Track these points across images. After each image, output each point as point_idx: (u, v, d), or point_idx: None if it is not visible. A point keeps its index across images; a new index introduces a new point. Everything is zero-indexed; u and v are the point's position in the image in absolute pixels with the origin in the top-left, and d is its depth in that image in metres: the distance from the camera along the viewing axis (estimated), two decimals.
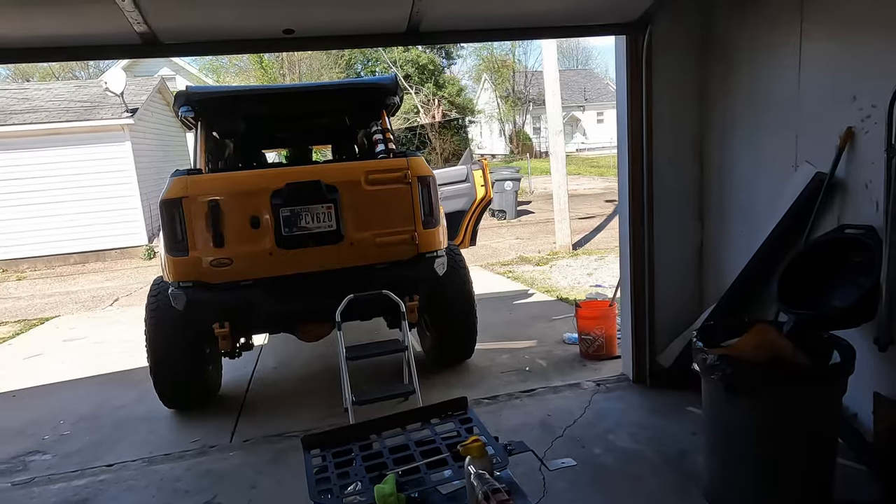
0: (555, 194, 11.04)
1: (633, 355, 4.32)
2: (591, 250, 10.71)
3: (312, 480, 1.88)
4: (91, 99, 14.06)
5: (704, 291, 4.22)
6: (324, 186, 3.97)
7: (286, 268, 3.97)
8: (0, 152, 12.67)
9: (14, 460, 3.99)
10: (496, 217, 15.60)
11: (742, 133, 3.77)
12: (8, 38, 2.91)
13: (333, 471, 1.96)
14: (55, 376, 5.80)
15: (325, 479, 1.91)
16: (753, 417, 2.60)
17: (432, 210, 4.23)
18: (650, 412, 3.92)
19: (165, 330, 4.17)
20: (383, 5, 3.18)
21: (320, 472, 1.97)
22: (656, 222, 4.09)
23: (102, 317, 8.56)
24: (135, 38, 3.08)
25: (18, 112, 13.35)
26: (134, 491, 3.46)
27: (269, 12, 3.12)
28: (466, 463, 1.72)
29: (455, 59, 33.92)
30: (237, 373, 5.26)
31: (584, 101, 39.55)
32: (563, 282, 8.28)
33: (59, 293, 10.63)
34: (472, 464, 1.69)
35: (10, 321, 8.74)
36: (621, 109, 4.09)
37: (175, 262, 3.88)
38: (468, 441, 1.78)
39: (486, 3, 3.29)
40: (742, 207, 3.83)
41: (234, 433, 4.12)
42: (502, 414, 4.03)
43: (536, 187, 20.63)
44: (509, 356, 5.22)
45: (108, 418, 4.59)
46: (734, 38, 3.74)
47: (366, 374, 4.72)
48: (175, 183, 3.86)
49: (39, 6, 2.71)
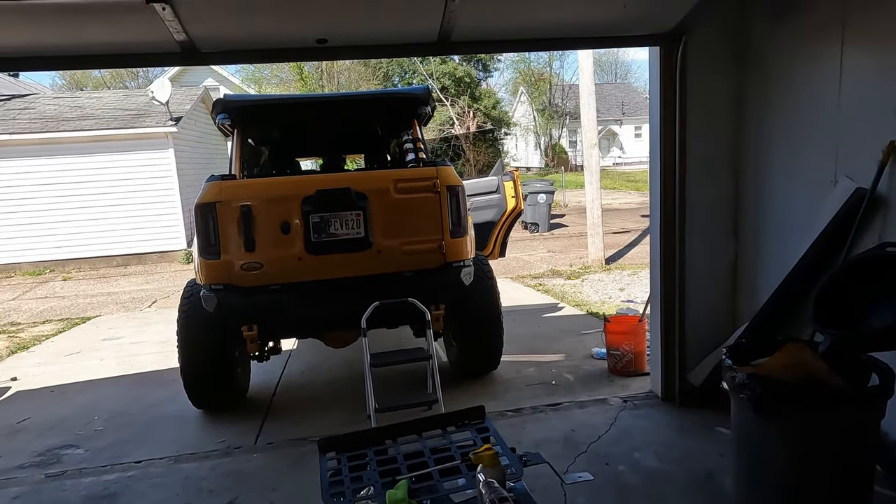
0: (588, 208, 10.93)
1: (663, 372, 4.22)
2: (625, 265, 10.55)
3: (326, 483, 1.89)
4: (138, 107, 14.59)
5: (738, 309, 4.10)
6: (353, 194, 4.01)
7: (314, 273, 4.01)
8: (52, 157, 13.24)
9: (49, 453, 4.13)
10: (529, 230, 15.52)
11: (779, 146, 3.67)
12: (59, 46, 3.06)
13: (347, 474, 1.96)
14: (92, 373, 5.98)
15: (338, 483, 1.92)
16: (784, 440, 2.50)
17: (460, 220, 4.23)
18: (678, 431, 3.81)
19: (196, 331, 4.27)
20: (414, 16, 3.22)
21: (335, 475, 1.97)
22: (688, 237, 4.00)
23: (140, 318, 8.81)
24: (175, 47, 3.19)
25: (70, 119, 13.94)
26: (159, 488, 3.52)
27: (304, 22, 3.19)
28: (478, 471, 1.70)
29: (492, 71, 34.08)
30: (266, 375, 5.34)
31: (622, 116, 39.20)
32: (595, 296, 8.17)
33: (101, 294, 10.99)
34: (483, 472, 1.67)
35: (55, 319, 9.07)
36: (654, 121, 4.03)
37: (207, 264, 3.97)
38: (480, 449, 1.76)
39: (517, 14, 3.30)
40: (778, 223, 3.71)
41: (258, 435, 4.17)
42: (525, 427, 3.98)
43: (571, 201, 20.47)
44: (536, 369, 5.16)
45: (140, 416, 4.70)
46: (772, 49, 3.65)
47: (391, 382, 4.72)
48: (209, 188, 3.96)
49: (88, 16, 2.83)
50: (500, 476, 1.68)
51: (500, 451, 1.87)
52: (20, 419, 4.80)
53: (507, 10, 3.23)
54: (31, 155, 13.20)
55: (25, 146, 13.16)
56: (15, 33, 2.92)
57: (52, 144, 13.23)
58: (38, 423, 4.72)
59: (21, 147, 13.14)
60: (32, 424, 4.69)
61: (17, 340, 7.75)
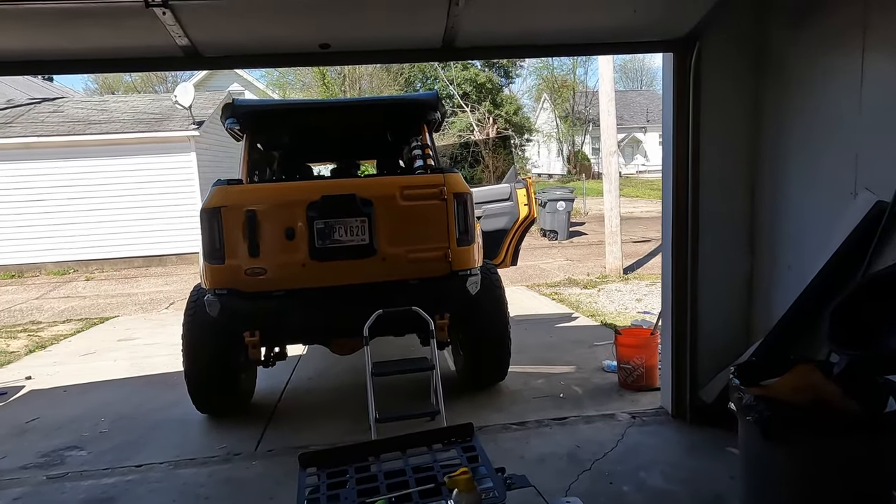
0: (606, 216, 10.77)
1: (673, 388, 4.09)
2: (643, 275, 10.35)
3: (303, 500, 1.83)
4: (162, 111, 14.83)
5: (753, 323, 3.95)
6: (358, 200, 3.97)
7: (318, 280, 3.97)
8: (78, 159, 13.52)
9: (53, 454, 4.15)
10: (547, 237, 15.36)
11: (797, 156, 3.53)
12: (61, 50, 3.08)
13: (325, 492, 1.90)
14: (104, 374, 6.03)
15: (315, 501, 1.86)
16: (793, 466, 2.38)
17: (467, 228, 4.16)
18: (687, 450, 3.68)
19: (200, 336, 4.26)
20: (417, 21, 3.17)
21: (313, 492, 1.91)
22: (701, 248, 3.87)
23: (157, 319, 8.90)
24: (177, 52, 3.19)
25: (96, 122, 14.23)
26: (157, 494, 3.51)
27: (306, 27, 3.16)
28: (452, 496, 1.62)
29: (514, 78, 33.95)
30: (273, 381, 5.32)
31: (646, 123, 38.79)
32: (610, 307, 8.02)
33: (121, 294, 11.15)
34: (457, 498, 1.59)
35: (74, 319, 9.21)
36: (666, 129, 3.92)
37: (212, 269, 3.96)
38: (456, 473, 1.68)
39: (522, 19, 3.23)
40: (795, 235, 3.57)
41: (259, 442, 4.14)
42: (529, 441, 3.88)
43: (591, 208, 20.24)
44: (544, 381, 5.05)
45: (145, 419, 4.71)
46: (790, 56, 3.52)
47: (395, 391, 4.66)
48: (215, 193, 3.95)
49: (90, 19, 2.84)
50: (477, 501, 1.60)
51: (484, 472, 1.79)
52: (29, 419, 4.84)
53: (512, 15, 3.16)
54: (59, 157, 13.49)
55: (53, 148, 13.46)
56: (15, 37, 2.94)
57: (79, 147, 13.52)
58: (47, 423, 4.75)
59: (49, 149, 13.44)
60: (41, 424, 4.73)
61: (36, 339, 7.88)
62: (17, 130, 13.68)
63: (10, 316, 9.64)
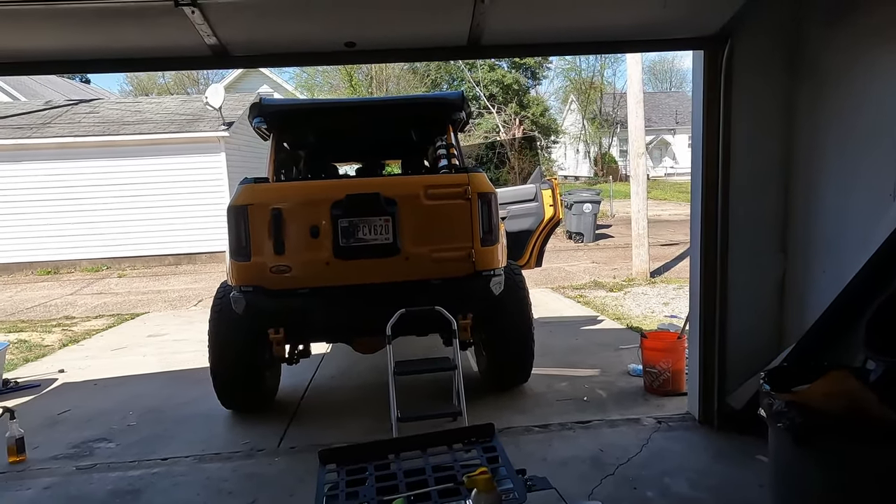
0: (633, 218, 10.62)
1: (701, 393, 4.00)
2: (671, 279, 10.18)
3: (322, 497, 1.83)
4: (193, 112, 15.11)
5: (785, 328, 3.85)
6: (382, 199, 3.97)
7: (342, 278, 3.99)
8: (112, 159, 13.85)
9: (83, 445, 4.24)
10: (573, 240, 15.22)
11: (833, 157, 3.42)
12: (90, 49, 3.15)
13: (344, 489, 1.89)
14: (134, 369, 6.16)
15: (334, 497, 1.85)
16: (825, 475, 2.29)
17: (491, 228, 4.13)
18: (715, 457, 3.59)
19: (226, 332, 4.31)
20: (443, 18, 3.15)
21: (332, 488, 1.91)
22: (731, 251, 3.78)
23: (185, 316, 9.06)
24: (206, 51, 3.23)
25: (130, 123, 14.56)
26: (181, 487, 3.55)
27: (332, 25, 3.18)
28: (471, 496, 1.59)
29: (541, 79, 33.78)
30: (296, 378, 5.36)
31: (674, 125, 38.22)
32: (636, 310, 7.90)
33: (152, 291, 11.38)
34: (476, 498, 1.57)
35: (107, 315, 9.43)
36: (696, 129, 3.84)
37: (238, 266, 4.00)
38: (475, 472, 1.66)
39: (548, 16, 3.19)
40: (830, 238, 3.46)
41: (282, 439, 4.17)
42: (552, 444, 3.83)
43: (618, 211, 20.01)
44: (568, 384, 4.99)
45: (172, 413, 4.79)
46: (827, 54, 3.41)
47: (417, 391, 4.65)
48: (242, 191, 4.00)
49: (118, 18, 2.90)
50: (496, 501, 1.58)
51: (504, 473, 1.76)
52: (61, 410, 4.96)
53: (538, 12, 3.13)
54: (94, 157, 13.84)
55: (89, 148, 13.81)
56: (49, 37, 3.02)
57: (113, 147, 13.85)
58: (78, 415, 4.86)
59: (85, 149, 13.80)
60: (72, 416, 4.84)
61: (70, 334, 8.08)
62: (55, 131, 14.08)
63: (46, 311, 9.92)
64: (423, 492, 1.82)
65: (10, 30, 3.02)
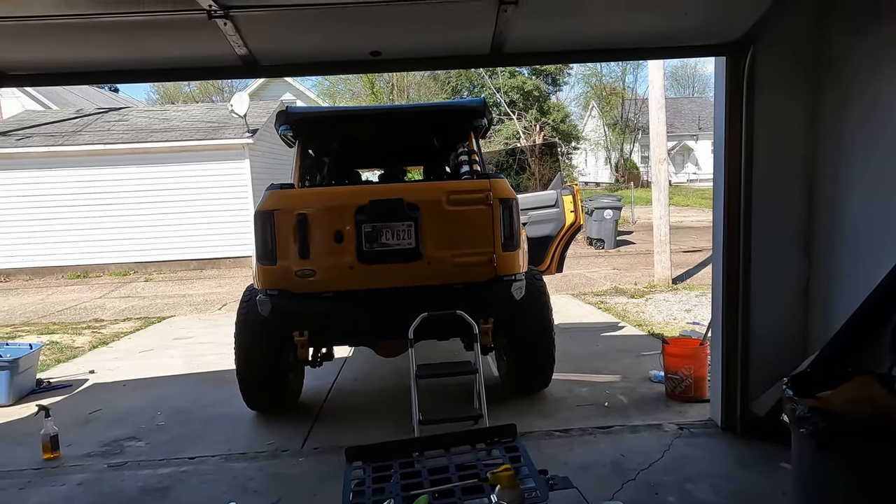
0: (655, 225, 10.56)
1: (723, 400, 3.98)
2: (693, 285, 10.09)
3: (349, 492, 1.88)
4: (219, 120, 15.42)
5: (810, 334, 3.81)
6: (405, 205, 4.04)
7: (365, 282, 4.06)
8: (140, 166, 14.18)
9: (114, 444, 4.36)
10: (594, 246, 15.16)
11: (859, 162, 3.40)
12: (125, 60, 3.27)
13: (370, 485, 1.95)
14: (161, 370, 6.30)
15: (360, 493, 1.91)
16: (848, 481, 2.29)
17: (513, 233, 4.17)
18: (737, 464, 3.57)
19: (252, 335, 4.40)
20: (466, 27, 3.22)
21: (359, 485, 1.96)
22: (754, 256, 3.77)
23: (210, 319, 9.22)
24: (236, 61, 3.34)
25: (158, 131, 14.91)
26: (209, 485, 3.64)
27: (358, 35, 3.26)
28: (494, 492, 1.63)
29: (562, 85, 33.70)
30: (319, 381, 5.44)
31: (697, 131, 37.83)
32: (658, 316, 7.85)
33: (177, 295, 11.61)
34: (499, 494, 1.61)
35: (134, 318, 9.65)
36: (719, 135, 3.84)
37: (264, 270, 4.09)
38: (499, 469, 1.70)
39: (570, 24, 3.23)
40: (855, 242, 3.43)
41: (306, 440, 4.24)
42: (572, 449, 3.85)
43: (640, 217, 19.87)
44: (589, 389, 4.99)
45: (199, 413, 4.89)
46: (852, 59, 3.40)
47: (439, 394, 4.70)
48: (269, 196, 4.09)
49: (153, 30, 3.01)
50: (519, 499, 1.61)
51: (527, 473, 1.80)
52: (93, 410, 5.10)
53: (560, 20, 3.18)
54: (123, 163, 14.20)
55: (118, 155, 14.17)
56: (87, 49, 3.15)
57: (141, 154, 14.19)
58: (108, 414, 5.00)
59: (114, 156, 14.16)
60: (103, 416, 4.98)
61: (99, 336, 8.29)
62: (86, 139, 14.47)
63: (76, 314, 10.18)
64: (446, 488, 1.87)
65: (50, 43, 3.16)
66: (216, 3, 2.77)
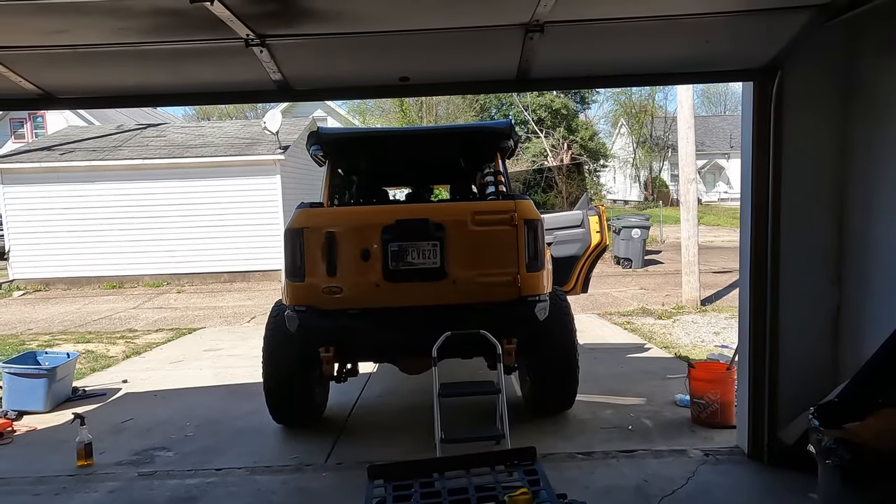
0: (683, 245, 10.44)
1: (750, 427, 3.92)
2: (722, 307, 9.92)
3: None
4: (252, 136, 15.81)
5: (840, 362, 3.75)
6: (431, 224, 4.10)
7: (390, 300, 4.12)
8: (176, 180, 14.59)
9: (144, 453, 4.48)
10: (621, 265, 15.02)
11: (890, 188, 3.35)
12: (167, 85, 3.44)
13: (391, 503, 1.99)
14: (191, 381, 6.45)
15: None
16: None
17: (537, 254, 4.20)
18: (764, 493, 3.51)
19: (279, 350, 4.50)
20: (493, 53, 3.29)
21: (380, 503, 2.01)
22: (783, 284, 3.73)
23: (239, 332, 9.40)
24: (271, 85, 3.47)
25: (194, 146, 15.34)
26: (234, 497, 3.72)
27: (388, 61, 3.37)
28: None
29: (590, 103, 33.66)
30: (344, 396, 5.50)
31: (728, 149, 37.34)
32: (686, 339, 7.75)
33: (208, 307, 11.86)
34: None
35: (166, 328, 9.89)
36: (745, 159, 3.83)
37: (292, 286, 4.19)
38: (516, 493, 1.72)
39: (595, 50, 3.29)
40: (888, 269, 3.37)
41: (329, 455, 4.30)
42: (594, 472, 3.82)
43: (669, 236, 19.63)
44: (612, 412, 4.96)
45: (227, 425, 5.00)
46: (884, 83, 3.37)
47: (462, 413, 4.71)
48: (299, 215, 4.21)
49: (194, 57, 3.17)
50: None
51: (545, 497, 1.82)
52: (125, 419, 5.25)
53: (585, 46, 3.23)
54: (160, 178, 14.63)
55: (156, 170, 14.61)
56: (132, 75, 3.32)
57: (178, 168, 14.60)
58: (140, 424, 5.14)
59: (152, 171, 14.61)
60: (134, 425, 5.12)
61: (133, 346, 8.52)
62: (126, 153, 14.98)
63: (111, 323, 10.48)
64: None
65: (100, 68, 3.34)
66: (253, 32, 2.90)
